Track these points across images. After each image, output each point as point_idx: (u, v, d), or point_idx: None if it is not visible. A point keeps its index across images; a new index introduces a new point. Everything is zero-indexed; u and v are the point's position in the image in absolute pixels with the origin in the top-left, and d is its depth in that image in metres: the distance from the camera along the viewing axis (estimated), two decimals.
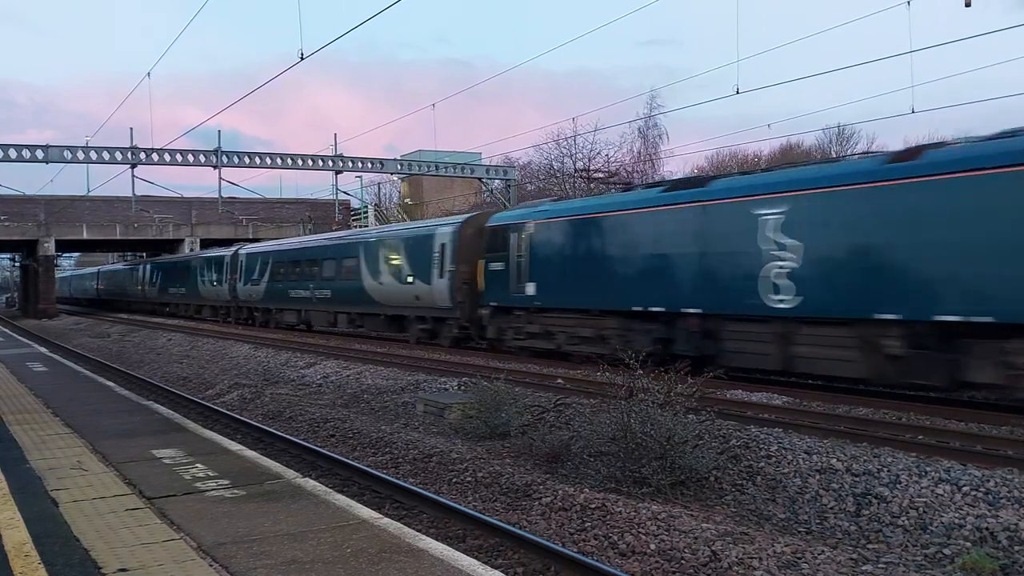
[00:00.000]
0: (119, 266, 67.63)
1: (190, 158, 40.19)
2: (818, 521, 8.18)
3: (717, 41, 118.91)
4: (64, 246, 61.16)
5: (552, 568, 6.74)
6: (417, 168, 48.20)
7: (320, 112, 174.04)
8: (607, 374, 10.68)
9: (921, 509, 7.91)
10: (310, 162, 43.23)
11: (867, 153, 17.12)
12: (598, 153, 54.27)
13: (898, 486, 8.37)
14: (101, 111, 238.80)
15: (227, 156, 40.23)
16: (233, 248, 39.54)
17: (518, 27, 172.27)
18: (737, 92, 23.88)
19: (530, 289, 19.54)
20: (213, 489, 7.08)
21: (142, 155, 38.40)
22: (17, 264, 74.21)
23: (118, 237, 55.73)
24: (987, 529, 7.35)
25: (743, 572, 6.65)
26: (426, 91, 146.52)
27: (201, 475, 7.62)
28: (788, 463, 9.34)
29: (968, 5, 17.62)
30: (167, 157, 39.38)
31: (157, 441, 9.39)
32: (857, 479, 8.67)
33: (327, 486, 7.65)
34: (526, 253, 19.67)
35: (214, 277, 40.25)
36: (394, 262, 25.34)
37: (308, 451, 11.12)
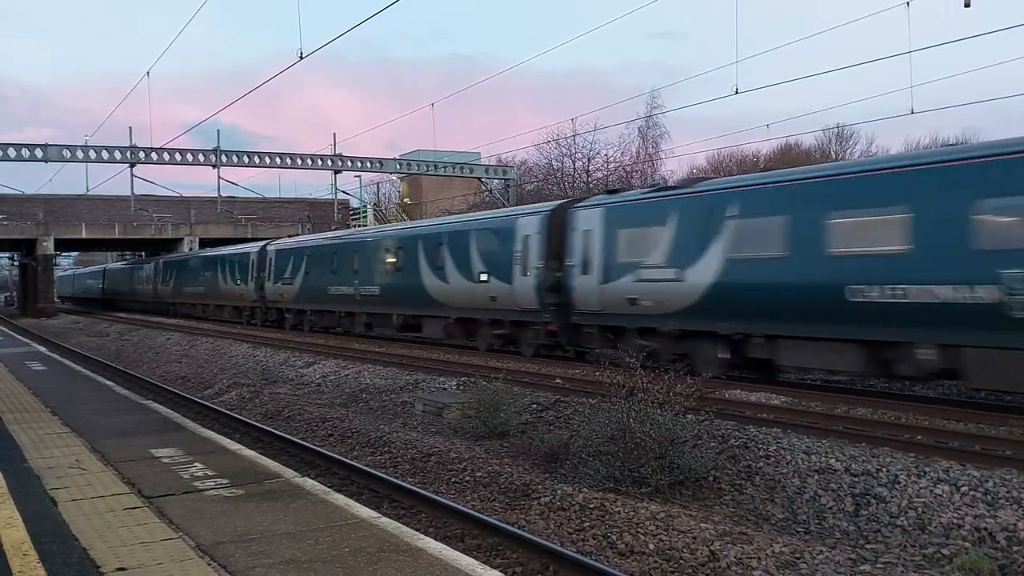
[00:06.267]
0: (127, 264, 64.13)
1: (189, 157, 40.21)
2: (817, 521, 8.19)
3: (718, 40, 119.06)
4: (63, 245, 61.02)
5: (551, 568, 6.73)
6: (416, 168, 48.24)
7: (320, 110, 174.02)
8: (607, 373, 10.68)
9: (920, 509, 7.92)
10: (309, 161, 43.25)
11: None
12: (598, 153, 54.41)
13: (897, 486, 8.37)
14: (100, 109, 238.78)
15: (226, 155, 40.26)
16: (260, 244, 36.94)
17: (519, 24, 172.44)
18: (736, 92, 23.92)
19: None
20: (212, 488, 7.07)
21: (141, 154, 38.41)
22: (16, 263, 74.12)
23: (117, 236, 55.73)
24: (986, 529, 7.36)
25: (742, 572, 6.65)
26: (426, 89, 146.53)
27: (200, 474, 7.61)
28: (787, 463, 9.34)
29: (968, 5, 17.64)
30: (166, 156, 39.42)
31: (156, 440, 9.38)
32: (856, 479, 8.67)
33: (326, 485, 7.65)
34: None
35: (237, 275, 37.12)
36: (462, 257, 21.91)
37: (307, 450, 11.12)
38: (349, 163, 43.46)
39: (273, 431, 12.57)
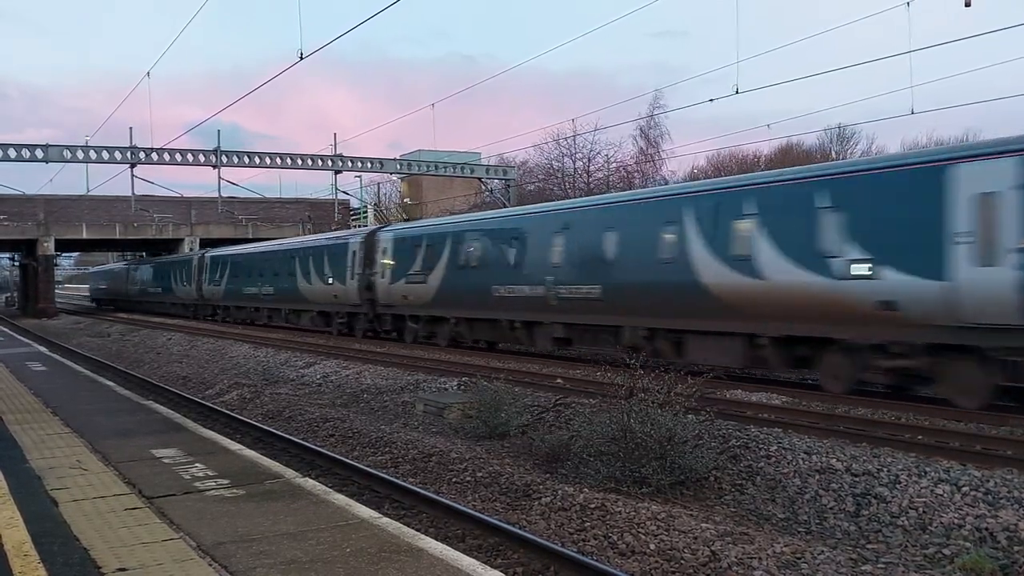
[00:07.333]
0: (266, 248, 37.92)
1: (189, 158, 40.20)
2: (818, 521, 8.19)
3: (718, 39, 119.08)
4: (63, 245, 61.07)
5: (552, 568, 6.73)
6: (417, 168, 48.21)
7: (320, 111, 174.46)
8: (607, 374, 10.68)
9: (921, 509, 7.92)
10: (310, 162, 43.24)
11: None
12: (598, 153, 54.43)
13: (898, 486, 8.37)
14: (100, 109, 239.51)
15: (226, 156, 40.24)
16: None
17: (519, 24, 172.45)
18: (736, 92, 23.91)
19: None
20: (212, 489, 7.07)
21: (142, 155, 38.40)
22: (17, 263, 74.11)
23: (117, 236, 55.77)
24: (987, 529, 7.36)
25: (742, 572, 6.65)
26: (426, 89, 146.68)
27: (200, 475, 7.62)
28: (788, 463, 9.34)
29: (968, 5, 17.62)
30: (167, 157, 39.41)
31: (157, 441, 9.39)
32: (857, 479, 8.67)
33: (326, 485, 7.65)
34: None
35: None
36: None
37: (307, 451, 11.12)
38: (349, 163, 43.45)
39: (274, 431, 12.57)
